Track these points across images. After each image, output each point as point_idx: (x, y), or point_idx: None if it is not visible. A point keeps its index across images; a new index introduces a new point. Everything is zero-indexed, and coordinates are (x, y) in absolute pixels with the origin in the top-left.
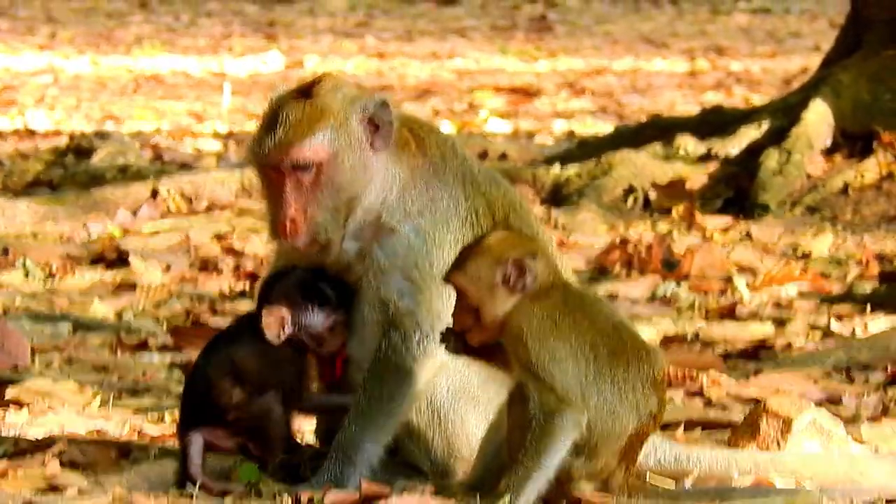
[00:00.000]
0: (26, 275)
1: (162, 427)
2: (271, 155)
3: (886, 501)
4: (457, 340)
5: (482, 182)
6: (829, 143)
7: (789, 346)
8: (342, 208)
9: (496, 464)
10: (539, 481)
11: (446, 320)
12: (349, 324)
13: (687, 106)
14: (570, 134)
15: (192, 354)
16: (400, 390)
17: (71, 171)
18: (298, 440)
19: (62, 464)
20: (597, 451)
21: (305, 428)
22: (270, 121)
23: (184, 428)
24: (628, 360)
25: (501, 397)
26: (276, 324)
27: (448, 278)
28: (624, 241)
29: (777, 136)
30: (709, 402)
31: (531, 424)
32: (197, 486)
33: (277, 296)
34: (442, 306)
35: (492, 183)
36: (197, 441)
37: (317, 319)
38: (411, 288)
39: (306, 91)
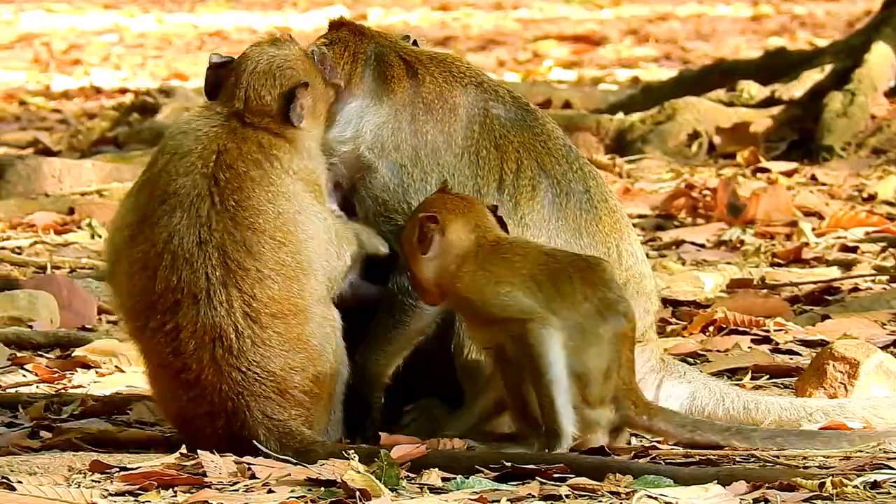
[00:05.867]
0: (92, 235)
1: None
2: None
3: None
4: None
5: (499, 124)
6: (892, 83)
7: (855, 289)
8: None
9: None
10: (562, 396)
11: None
12: None
13: (751, 51)
14: (635, 81)
15: None
16: (404, 325)
17: (136, 128)
18: None
19: (129, 422)
20: (588, 374)
21: None
22: None
23: None
24: (570, 274)
25: None
26: None
27: None
28: (689, 187)
29: (840, 79)
30: (776, 348)
31: (522, 363)
32: None
33: None
34: None
35: (515, 127)
36: None
37: None
38: (396, 230)
39: None
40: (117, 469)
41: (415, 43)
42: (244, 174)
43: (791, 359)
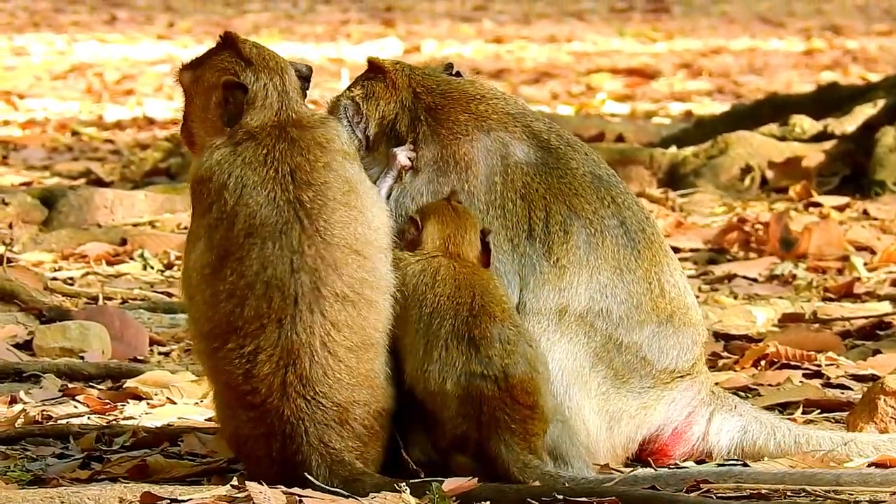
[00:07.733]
0: (144, 266)
1: None
2: None
3: None
4: None
5: (522, 172)
6: None
7: None
8: None
9: None
10: None
11: None
12: None
13: (803, 86)
14: (688, 114)
15: None
16: None
17: (188, 159)
18: None
19: (180, 454)
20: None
21: None
22: None
23: None
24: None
25: (609, 381)
26: None
27: None
28: (741, 221)
29: (893, 113)
30: (827, 382)
31: None
32: None
33: None
34: None
35: (538, 173)
36: None
37: None
38: None
39: None
40: (168, 501)
41: (458, 74)
42: (323, 185)
43: (842, 393)
